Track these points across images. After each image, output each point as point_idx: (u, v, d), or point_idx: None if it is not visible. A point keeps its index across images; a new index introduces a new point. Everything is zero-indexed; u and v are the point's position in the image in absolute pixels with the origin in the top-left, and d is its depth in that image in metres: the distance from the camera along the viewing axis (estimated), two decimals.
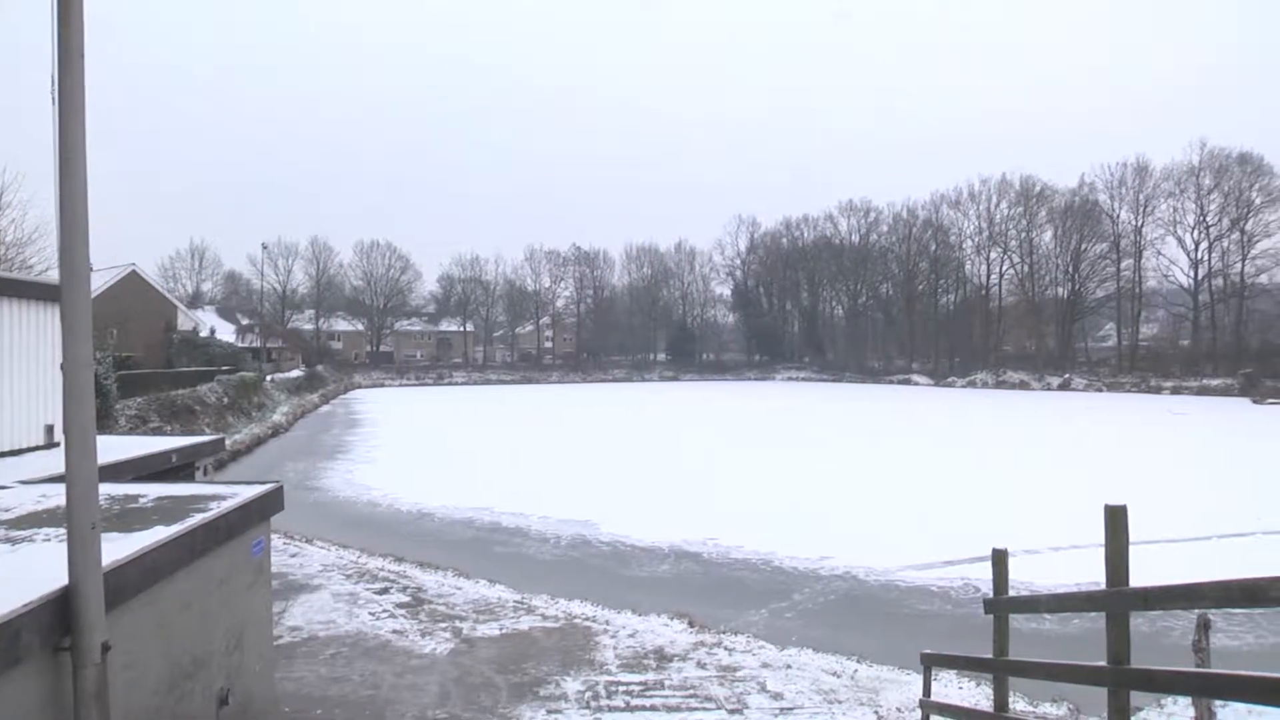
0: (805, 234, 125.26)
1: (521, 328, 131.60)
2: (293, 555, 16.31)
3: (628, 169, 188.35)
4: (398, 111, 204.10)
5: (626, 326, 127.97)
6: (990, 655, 6.84)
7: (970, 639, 9.61)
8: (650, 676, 9.68)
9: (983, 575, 12.56)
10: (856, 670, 10.53)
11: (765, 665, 10.37)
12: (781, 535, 19.74)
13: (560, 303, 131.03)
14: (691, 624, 12.33)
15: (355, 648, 10.70)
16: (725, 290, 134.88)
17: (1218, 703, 6.22)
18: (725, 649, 11.02)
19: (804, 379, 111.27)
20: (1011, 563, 6.87)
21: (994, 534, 11.68)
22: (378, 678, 9.60)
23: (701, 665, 10.21)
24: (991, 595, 6.88)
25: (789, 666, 10.40)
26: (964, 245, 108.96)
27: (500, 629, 11.62)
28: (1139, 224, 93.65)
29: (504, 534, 20.93)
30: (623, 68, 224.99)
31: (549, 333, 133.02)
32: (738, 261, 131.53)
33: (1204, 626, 5.93)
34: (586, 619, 12.37)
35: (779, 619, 14.22)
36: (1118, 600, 5.19)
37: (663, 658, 10.44)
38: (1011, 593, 7.04)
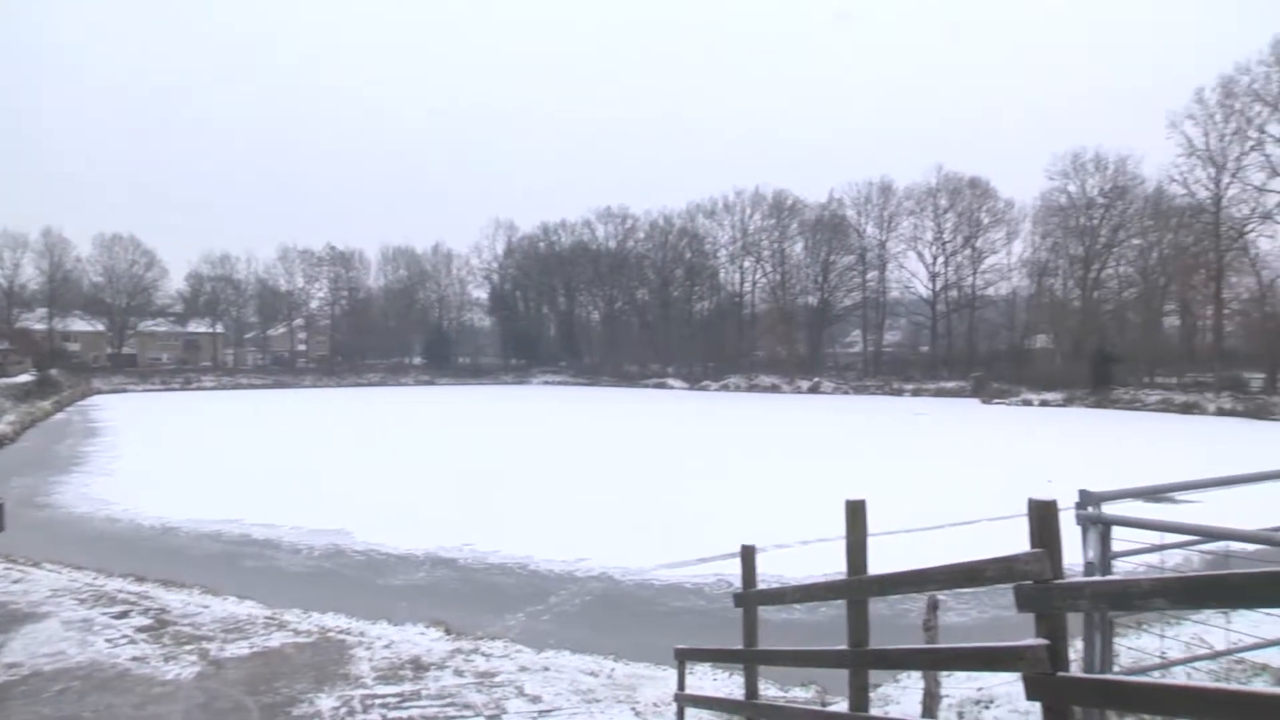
0: (563, 239, 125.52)
1: (274, 329, 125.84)
2: (15, 581, 14.50)
3: (383, 167, 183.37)
4: (142, 98, 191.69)
5: (382, 329, 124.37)
6: (741, 647, 7.10)
7: (724, 632, 9.92)
8: (407, 687, 9.43)
9: (735, 571, 13.00)
10: (614, 669, 10.67)
11: (523, 669, 10.34)
12: (538, 538, 19.79)
13: (314, 304, 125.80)
14: (448, 631, 12.14)
15: (88, 681, 9.70)
16: (482, 294, 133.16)
17: (944, 673, 6.66)
18: (483, 655, 10.89)
19: (560, 383, 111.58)
20: (762, 557, 7.14)
21: (746, 530, 12.07)
22: (114, 712, 8.78)
23: (459, 673, 10.07)
24: (741, 589, 7.13)
25: (547, 669, 10.42)
26: (719, 254, 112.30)
27: (250, 648, 10.97)
28: (883, 239, 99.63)
29: (255, 546, 20.04)
30: (379, 68, 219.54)
31: (303, 335, 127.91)
32: (495, 265, 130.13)
33: (933, 607, 6.35)
34: (341, 632, 11.93)
35: (536, 622, 14.24)
36: (856, 588, 5.50)
37: (420, 667, 10.19)
38: (762, 585, 7.32)
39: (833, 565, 14.65)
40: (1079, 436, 45.86)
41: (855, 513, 5.49)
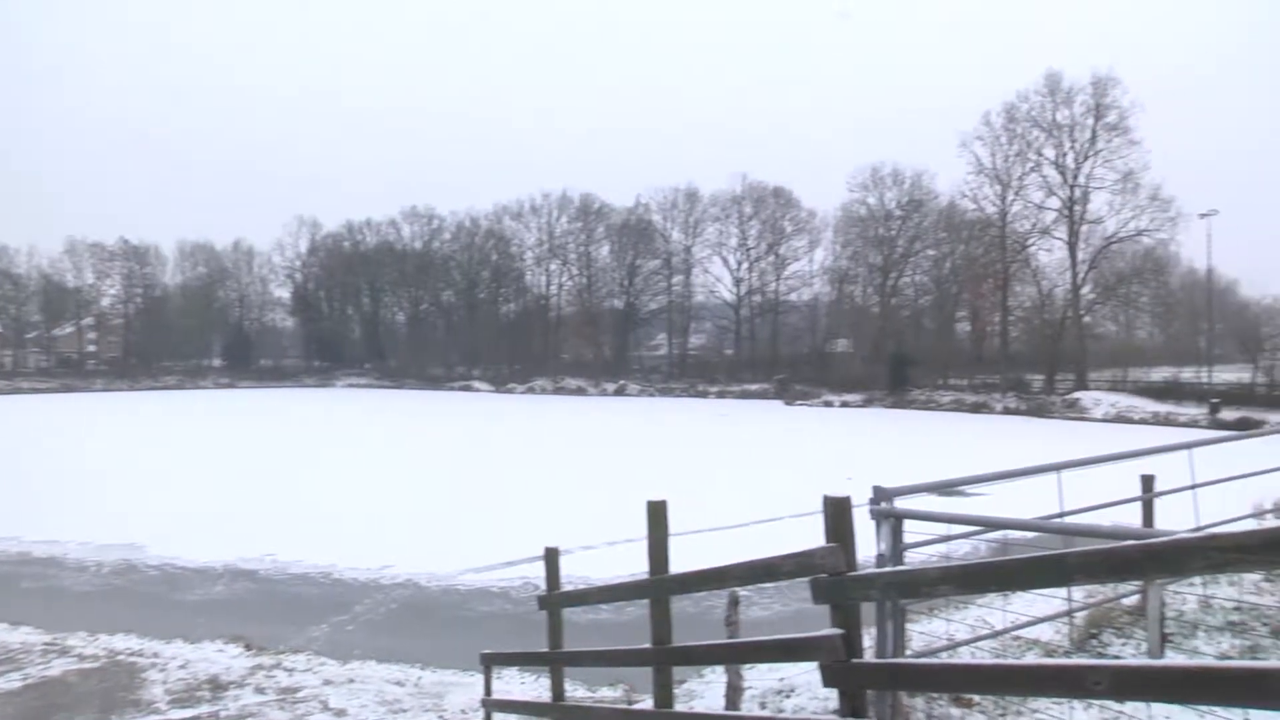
0: (368, 238, 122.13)
1: (61, 329, 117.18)
2: None
3: (180, 157, 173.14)
4: None
5: (180, 329, 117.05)
6: (546, 649, 7.12)
7: (532, 635, 9.91)
8: (204, 710, 8.93)
9: (542, 574, 13.00)
10: (420, 677, 10.53)
11: (328, 682, 10.07)
12: (342, 546, 19.27)
13: (106, 302, 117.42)
14: (249, 647, 11.65)
15: None
16: (285, 293, 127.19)
17: (747, 666, 6.83)
18: (285, 670, 10.53)
19: (365, 386, 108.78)
20: (569, 559, 7.17)
21: (552, 533, 12.07)
22: None
23: (260, 690, 9.70)
24: (545, 592, 7.16)
25: (352, 681, 10.18)
26: (525, 256, 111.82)
27: (24, 679, 9.99)
28: (689, 244, 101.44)
29: (35, 565, 18.64)
30: (176, 51, 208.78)
31: (93, 335, 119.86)
32: (298, 263, 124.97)
33: (734, 603, 6.50)
34: (132, 654, 11.21)
35: (341, 633, 13.88)
36: (658, 587, 5.59)
37: (218, 687, 9.71)
38: (568, 587, 7.37)
39: (639, 565, 14.73)
40: (878, 435, 47.83)
41: (656, 513, 5.60)
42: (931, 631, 6.84)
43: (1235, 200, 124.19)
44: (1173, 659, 5.98)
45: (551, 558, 7.18)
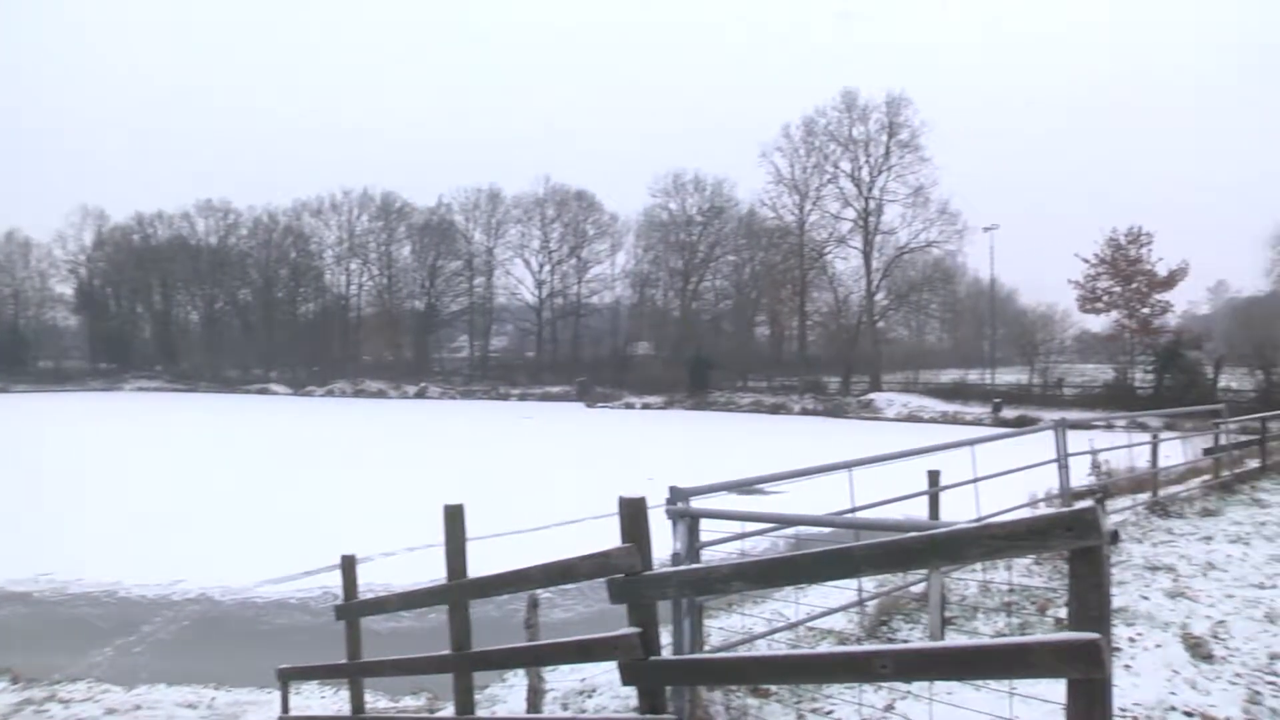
0: (159, 232, 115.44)
1: None
2: None
3: None
4: None
5: None
6: (345, 661, 6.93)
7: (333, 647, 9.65)
8: None
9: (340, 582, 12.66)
10: (215, 698, 10.08)
11: (111, 711, 9.47)
12: (128, 561, 18.13)
13: None
14: (15, 679, 10.77)
15: None
16: (67, 289, 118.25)
17: (547, 669, 6.83)
18: (60, 702, 9.77)
19: (156, 389, 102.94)
20: (370, 567, 7.03)
21: (353, 540, 11.74)
22: None
23: None
24: (342, 601, 6.97)
25: (138, 708, 9.62)
26: (325, 255, 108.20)
27: None
28: (491, 245, 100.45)
29: None
30: None
31: None
32: (82, 258, 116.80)
33: (533, 605, 6.48)
34: None
35: (127, 655, 13.08)
36: (457, 592, 5.53)
37: None
38: (369, 595, 7.20)
39: (441, 571, 14.68)
40: (679, 437, 48.63)
41: (454, 517, 5.54)
42: (730, 626, 6.99)
43: (1015, 215, 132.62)
44: (951, 640, 6.28)
45: (348, 566, 7.00)
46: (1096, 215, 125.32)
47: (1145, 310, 65.09)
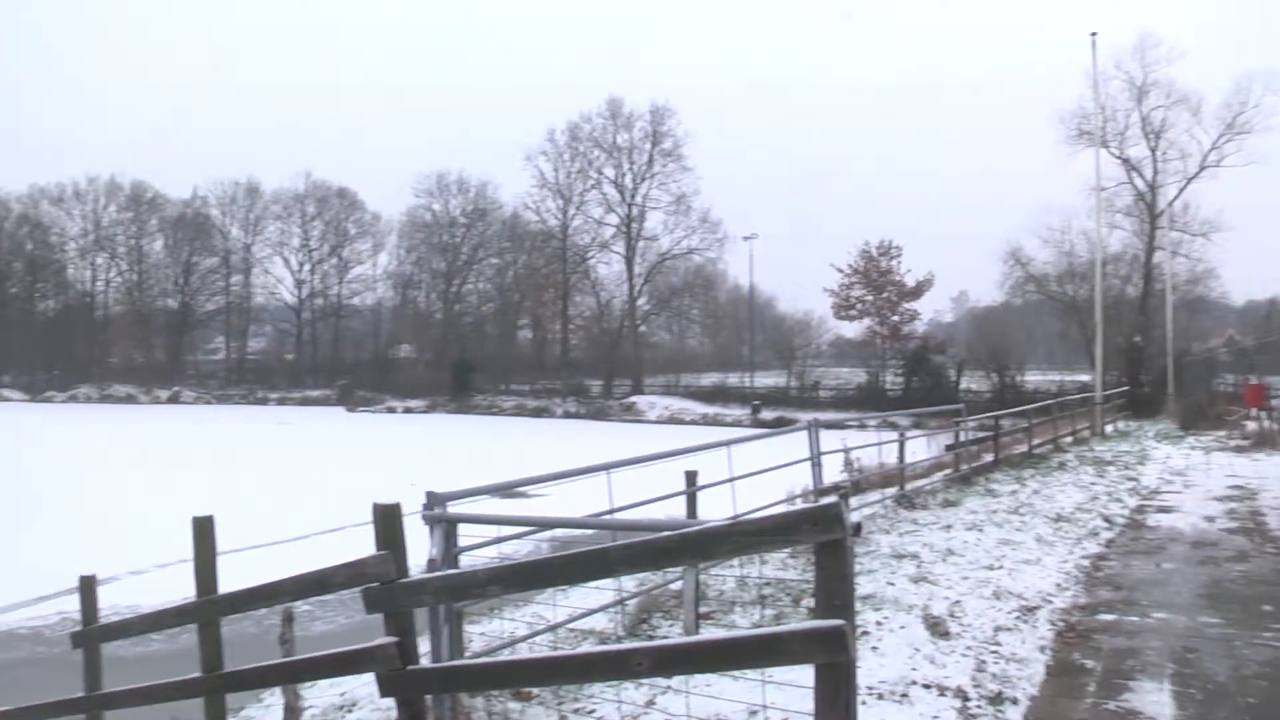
0: None
1: None
2: None
3: None
4: None
5: None
6: (83, 693, 6.50)
7: (73, 679, 9.01)
8: None
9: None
10: None
11: None
12: None
13: None
14: None
15: None
16: None
17: (305, 685, 6.61)
18: None
19: None
20: (116, 587, 6.61)
21: (97, 558, 11.00)
22: None
23: None
24: (81, 627, 6.54)
25: None
26: (67, 247, 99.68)
27: None
28: (249, 242, 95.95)
29: None
30: None
31: None
32: None
33: (287, 619, 6.24)
34: None
35: None
36: (207, 609, 5.28)
37: None
38: (114, 618, 6.77)
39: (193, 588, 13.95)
40: (442, 441, 48.18)
41: (203, 530, 5.28)
42: (492, 631, 6.96)
43: (773, 225, 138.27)
44: (705, 634, 6.47)
45: (87, 587, 6.55)
46: (853, 228, 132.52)
47: (895, 318, 69.51)
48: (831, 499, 2.97)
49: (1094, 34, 33.87)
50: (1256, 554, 10.17)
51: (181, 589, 13.46)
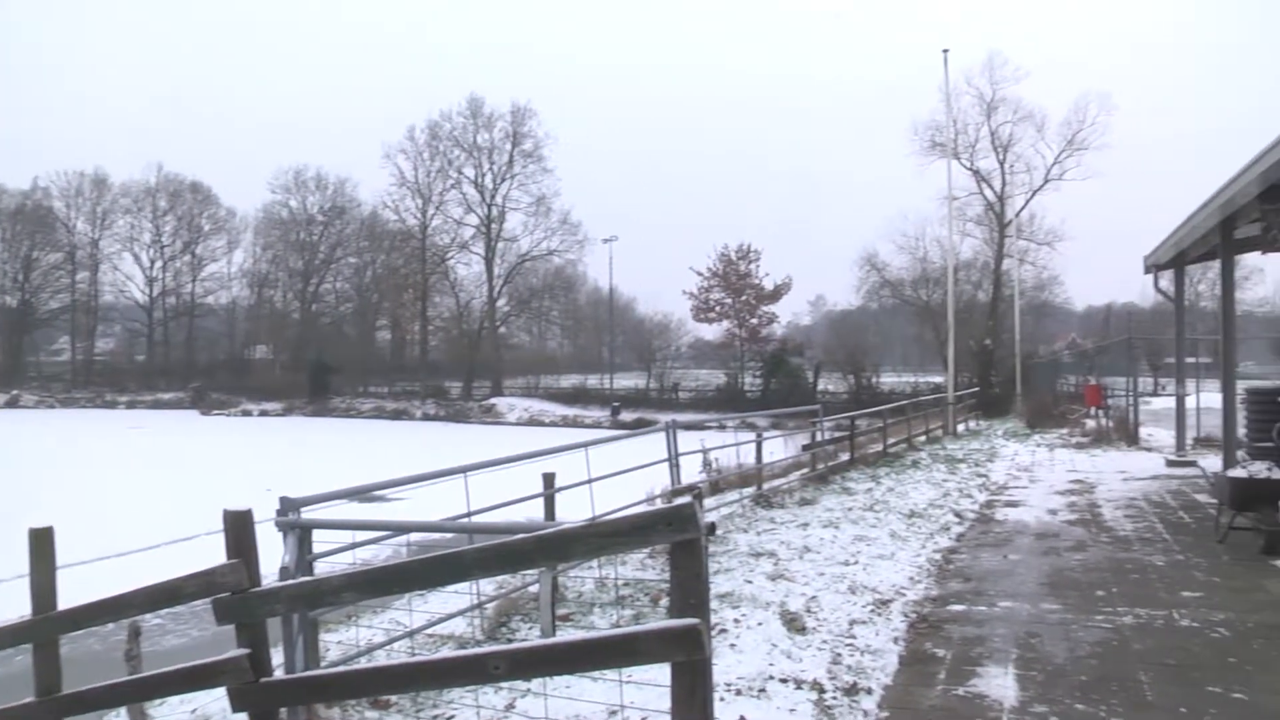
0: None
1: None
2: None
3: None
4: None
5: None
6: None
7: None
8: None
9: None
10: None
11: None
12: None
13: None
14: None
15: None
16: None
17: (154, 704, 6.38)
18: None
19: None
20: None
21: None
22: None
23: None
24: None
25: None
26: None
27: None
28: (96, 237, 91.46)
29: None
30: None
31: None
32: None
33: (134, 634, 6.01)
34: None
35: None
36: (44, 627, 5.03)
37: None
38: None
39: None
40: (299, 445, 47.13)
41: (41, 542, 5.03)
42: (349, 639, 6.84)
43: (636, 228, 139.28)
44: (561, 636, 6.48)
45: None
46: (717, 232, 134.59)
47: (754, 320, 70.79)
48: (685, 499, 3.02)
49: (946, 51, 35.34)
50: (1093, 543, 10.68)
51: (20, 607, 12.95)
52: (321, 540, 5.65)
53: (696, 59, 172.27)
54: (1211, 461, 15.00)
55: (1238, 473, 10.10)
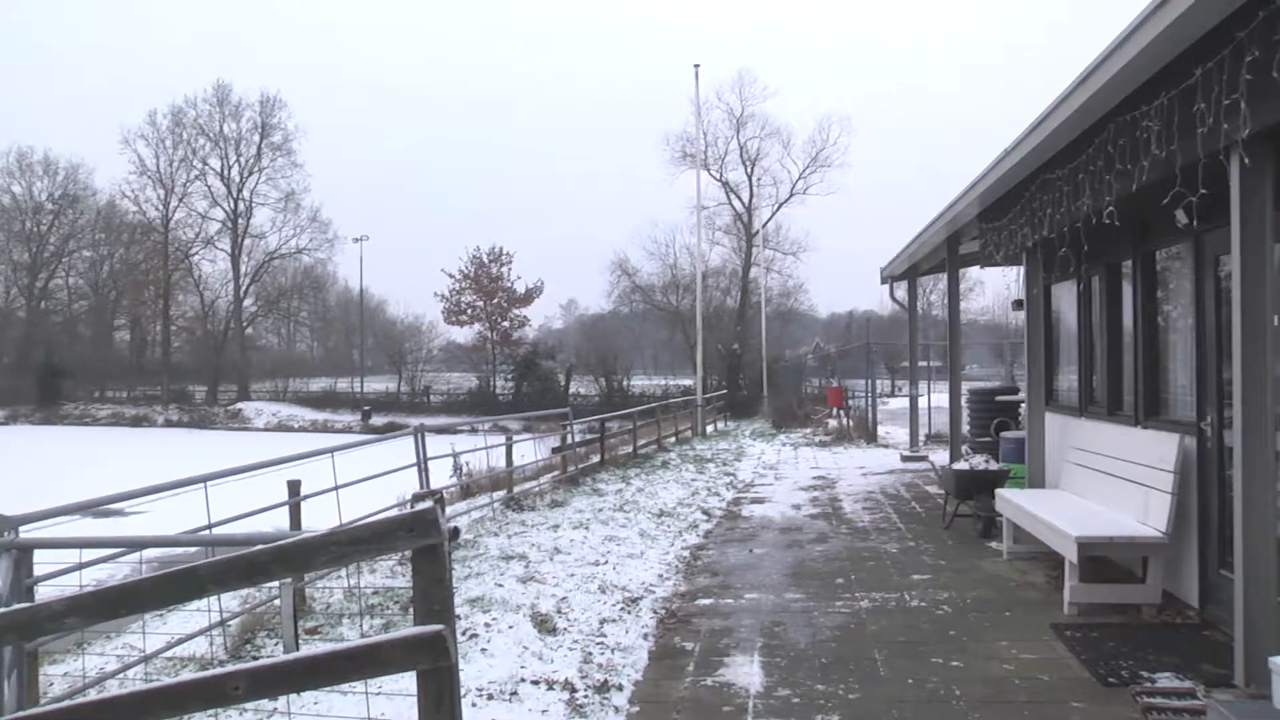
0: None
1: None
2: None
3: None
4: None
5: None
6: None
7: None
8: None
9: None
10: None
11: None
12: None
13: None
14: None
15: None
16: None
17: None
18: None
19: None
20: None
21: None
22: None
23: None
24: None
25: None
26: None
27: None
28: None
29: None
30: None
31: None
32: None
33: None
34: None
35: None
36: None
37: None
38: None
39: None
40: (26, 456, 43.75)
41: None
42: (78, 670, 6.44)
43: (385, 228, 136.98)
44: (304, 650, 6.31)
45: None
46: (470, 234, 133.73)
47: (506, 323, 70.95)
48: (427, 504, 3.02)
49: (697, 65, 36.56)
50: (834, 535, 11.32)
51: None
52: (46, 561, 5.30)
53: (452, 58, 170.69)
54: (941, 456, 16.09)
55: (961, 465, 11.02)
